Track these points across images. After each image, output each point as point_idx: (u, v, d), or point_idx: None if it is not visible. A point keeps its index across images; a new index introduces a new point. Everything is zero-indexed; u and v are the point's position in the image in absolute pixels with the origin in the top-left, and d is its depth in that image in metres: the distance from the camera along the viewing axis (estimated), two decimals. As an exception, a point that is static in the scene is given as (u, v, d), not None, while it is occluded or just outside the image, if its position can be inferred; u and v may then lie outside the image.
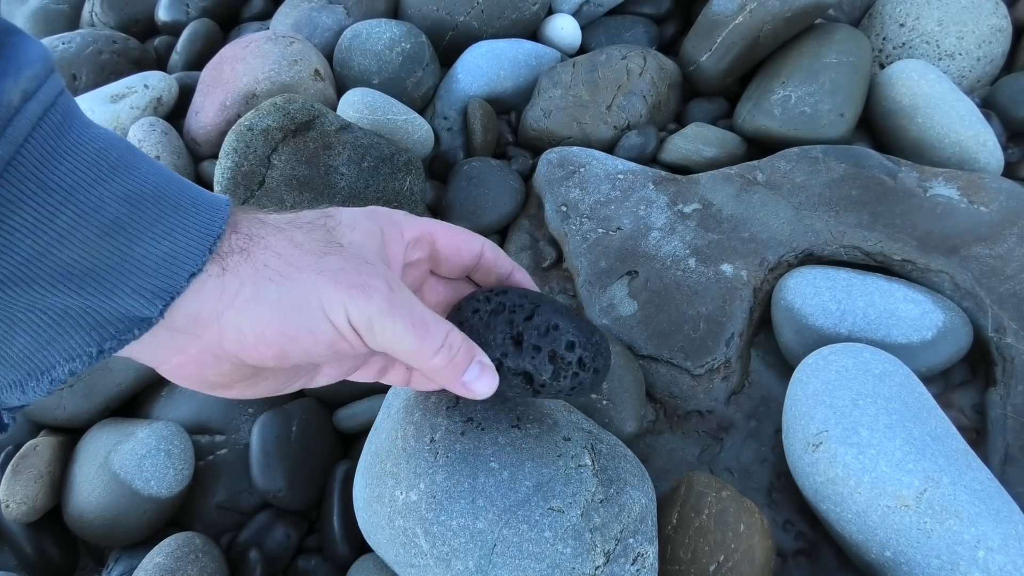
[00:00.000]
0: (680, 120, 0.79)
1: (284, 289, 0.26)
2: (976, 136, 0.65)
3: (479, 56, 0.78)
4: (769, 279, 0.60)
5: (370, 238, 0.30)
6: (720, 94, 0.79)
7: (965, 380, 0.55)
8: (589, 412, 0.51)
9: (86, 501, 0.52)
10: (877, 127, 0.72)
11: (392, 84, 0.76)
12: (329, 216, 0.30)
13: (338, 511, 0.52)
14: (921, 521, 0.41)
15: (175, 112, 0.80)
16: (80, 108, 0.24)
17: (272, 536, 0.53)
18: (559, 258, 0.67)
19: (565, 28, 0.82)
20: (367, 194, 0.65)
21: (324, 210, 0.31)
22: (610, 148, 0.74)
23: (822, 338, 0.54)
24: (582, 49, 0.85)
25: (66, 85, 0.87)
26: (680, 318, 0.58)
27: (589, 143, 0.74)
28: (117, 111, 0.75)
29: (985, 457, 0.50)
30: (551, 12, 0.84)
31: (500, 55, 0.78)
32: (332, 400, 0.59)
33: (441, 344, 0.29)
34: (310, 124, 0.64)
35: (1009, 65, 0.78)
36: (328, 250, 0.28)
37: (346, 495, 0.53)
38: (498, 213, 0.70)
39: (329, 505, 0.53)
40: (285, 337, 0.27)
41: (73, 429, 0.58)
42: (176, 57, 0.88)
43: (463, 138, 0.78)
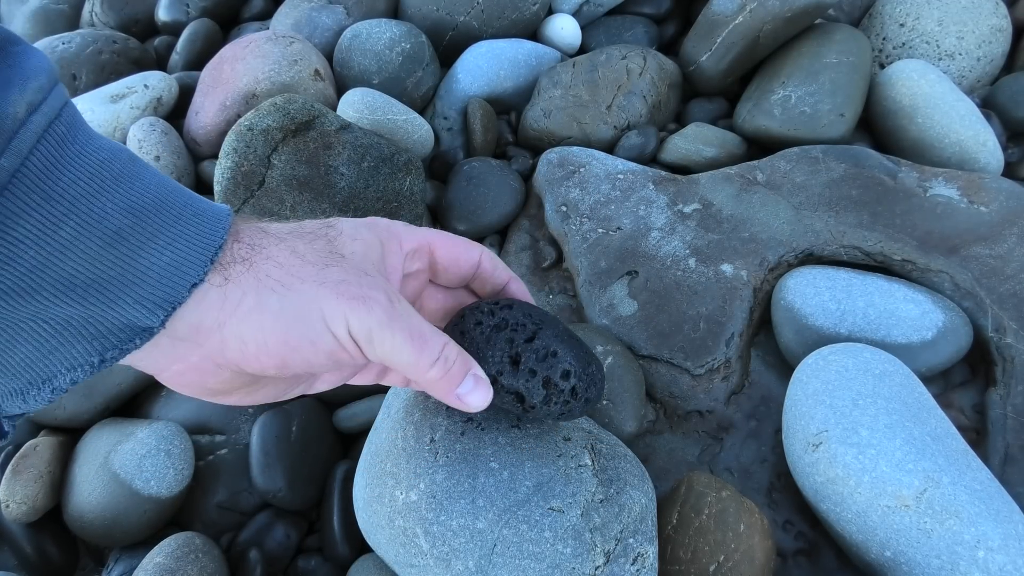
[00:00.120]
0: (680, 120, 0.79)
1: (286, 299, 0.26)
2: (976, 136, 0.65)
3: (479, 56, 0.78)
4: (769, 279, 0.60)
5: (370, 250, 0.30)
6: (720, 94, 0.79)
7: (965, 380, 0.55)
8: (589, 412, 0.51)
9: (86, 501, 0.52)
10: (877, 127, 0.72)
11: (392, 84, 0.76)
12: (330, 226, 0.30)
13: (338, 511, 0.52)
14: (921, 521, 0.41)
15: (175, 112, 0.80)
16: (84, 119, 0.25)
17: (272, 536, 0.53)
18: (559, 258, 0.67)
19: (565, 28, 0.82)
20: (367, 194, 0.65)
21: (326, 220, 0.31)
22: (610, 148, 0.74)
23: (822, 338, 0.54)
24: (582, 49, 0.85)
25: (66, 85, 0.87)
26: (680, 318, 0.58)
27: (589, 143, 0.74)
28: (117, 111, 0.75)
29: (985, 457, 0.50)
30: (551, 12, 0.84)
31: (500, 55, 0.78)
32: (332, 400, 0.59)
33: (437, 357, 0.29)
34: (310, 124, 0.64)
35: (1009, 65, 0.78)
36: (330, 261, 0.28)
37: (346, 495, 0.53)
38: (498, 213, 0.70)
39: (329, 505, 0.53)
40: (286, 347, 0.27)
41: (73, 429, 0.58)
42: (176, 57, 0.88)
43: (463, 138, 0.78)
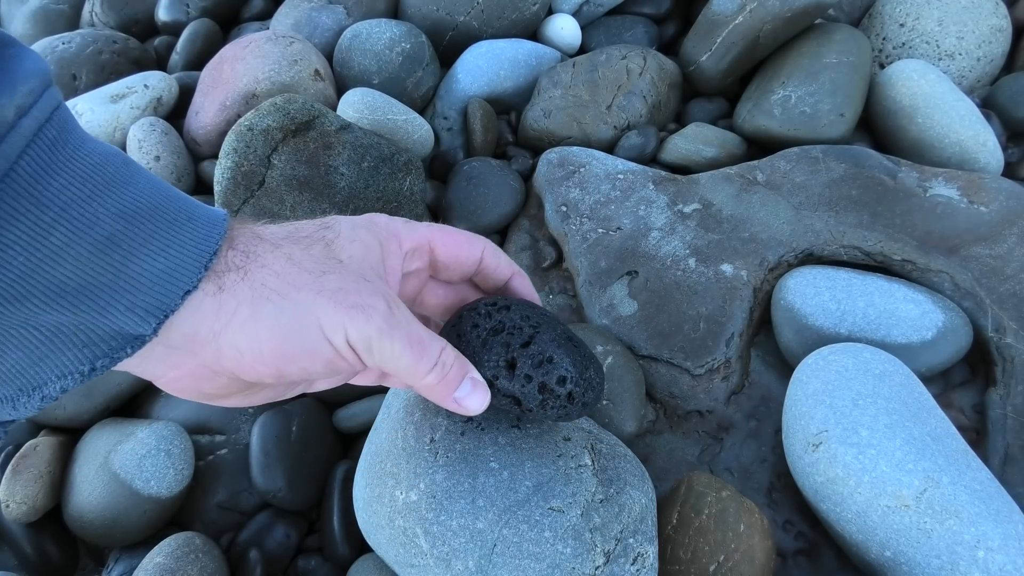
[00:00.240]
0: (680, 120, 0.79)
1: (282, 309, 0.26)
2: (976, 136, 0.65)
3: (479, 56, 0.78)
4: (769, 279, 0.60)
5: (369, 252, 0.30)
6: (720, 94, 0.79)
7: (965, 380, 0.55)
8: (589, 413, 0.51)
9: (86, 501, 0.52)
10: (877, 127, 0.72)
11: (392, 84, 0.76)
12: (328, 228, 0.30)
13: (338, 511, 0.52)
14: (921, 521, 0.41)
15: (175, 112, 0.80)
16: (77, 122, 0.24)
17: (272, 536, 0.53)
18: (559, 258, 0.67)
19: (565, 28, 0.82)
20: (367, 194, 0.65)
21: (323, 221, 0.30)
22: (610, 148, 0.74)
23: (822, 338, 0.54)
24: (582, 49, 0.85)
25: (66, 85, 0.87)
26: (680, 318, 0.58)
27: (589, 143, 0.74)
28: (117, 111, 0.75)
29: (985, 457, 0.50)
30: (551, 12, 0.84)
31: (500, 55, 0.78)
32: (332, 400, 0.59)
33: (435, 362, 0.29)
34: (310, 124, 0.64)
35: (1009, 65, 0.78)
36: (327, 268, 0.28)
37: (346, 495, 0.53)
38: (498, 213, 0.70)
39: (329, 505, 0.53)
40: (283, 357, 0.27)
41: (73, 429, 0.58)
42: (176, 57, 0.88)
43: (463, 138, 0.78)
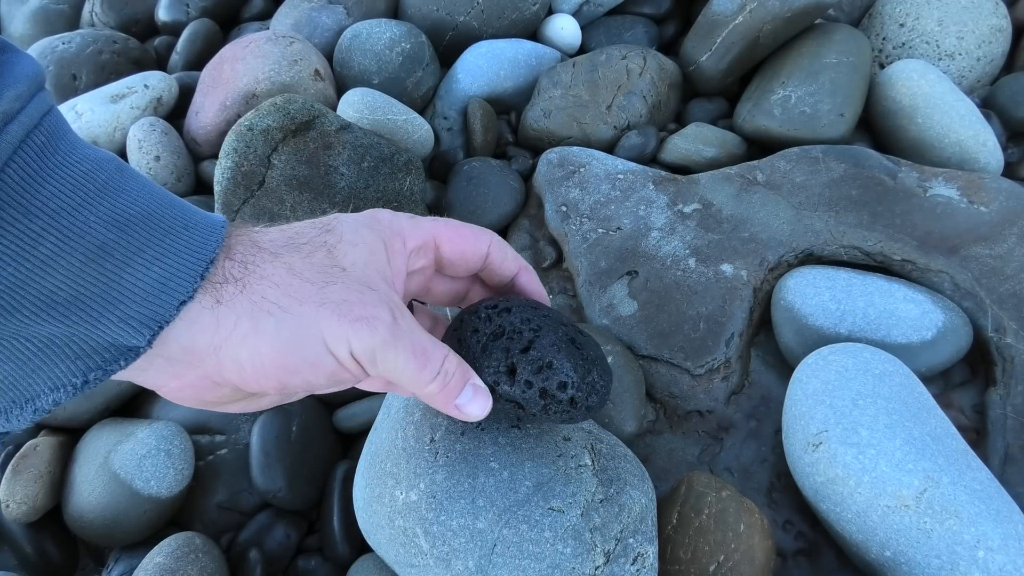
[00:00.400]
0: (680, 120, 0.79)
1: (284, 323, 0.25)
2: (976, 136, 0.65)
3: (479, 56, 0.78)
4: (769, 279, 0.60)
5: (373, 255, 0.29)
6: (720, 94, 0.79)
7: (965, 380, 0.55)
8: (595, 415, 0.51)
9: (86, 501, 0.52)
10: (877, 127, 0.72)
11: (392, 84, 0.76)
12: (329, 230, 0.29)
13: (338, 511, 0.52)
14: (921, 521, 0.41)
15: (175, 112, 0.80)
16: (70, 127, 0.23)
17: (272, 536, 0.53)
18: (559, 258, 0.67)
19: (565, 28, 0.82)
20: (367, 194, 0.65)
21: (324, 222, 0.29)
22: (610, 148, 0.74)
23: (822, 338, 0.54)
24: (582, 49, 0.85)
25: (66, 85, 0.87)
26: (680, 318, 0.58)
27: (589, 143, 0.74)
28: (117, 111, 0.75)
29: (985, 457, 0.50)
30: (551, 12, 0.84)
31: (500, 55, 0.78)
32: (332, 400, 0.59)
33: (437, 371, 0.29)
34: (310, 124, 0.64)
35: (1009, 65, 0.78)
36: (330, 277, 0.27)
37: (346, 495, 0.53)
38: (498, 213, 0.70)
39: (329, 505, 0.53)
40: (285, 370, 0.26)
41: (73, 429, 0.58)
42: (176, 57, 0.88)
43: (463, 138, 0.78)
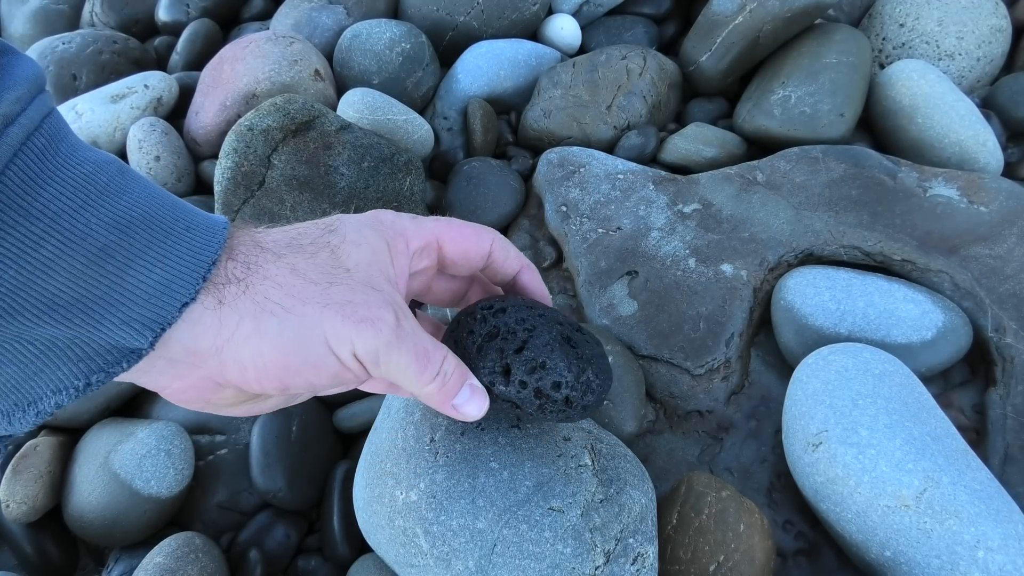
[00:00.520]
0: (680, 120, 0.79)
1: (286, 323, 0.25)
2: (976, 136, 0.65)
3: (479, 56, 0.78)
4: (769, 279, 0.60)
5: (376, 256, 0.29)
6: (720, 94, 0.79)
7: (965, 380, 0.55)
8: (592, 414, 0.51)
9: (86, 501, 0.52)
10: (877, 127, 0.72)
11: (392, 84, 0.76)
12: (332, 231, 0.29)
13: (338, 511, 0.52)
14: (921, 521, 0.41)
15: (175, 112, 0.80)
16: (70, 129, 0.23)
17: (272, 536, 0.53)
18: (559, 258, 0.67)
19: (565, 28, 0.82)
20: (367, 194, 0.65)
21: (327, 223, 0.29)
22: (610, 148, 0.74)
23: (822, 338, 0.54)
24: (582, 49, 0.85)
25: (67, 85, 0.87)
26: (680, 318, 0.58)
27: (589, 143, 0.74)
28: (117, 111, 0.75)
29: (985, 457, 0.50)
30: (551, 12, 0.84)
31: (500, 55, 0.78)
32: (332, 400, 0.59)
33: (437, 372, 0.29)
34: (310, 124, 0.64)
35: (1009, 65, 0.78)
36: (333, 278, 0.27)
37: (346, 495, 0.53)
38: (498, 213, 0.70)
39: (329, 505, 0.53)
40: (287, 371, 0.26)
41: (73, 429, 0.58)
42: (176, 57, 0.88)
43: (463, 138, 0.78)
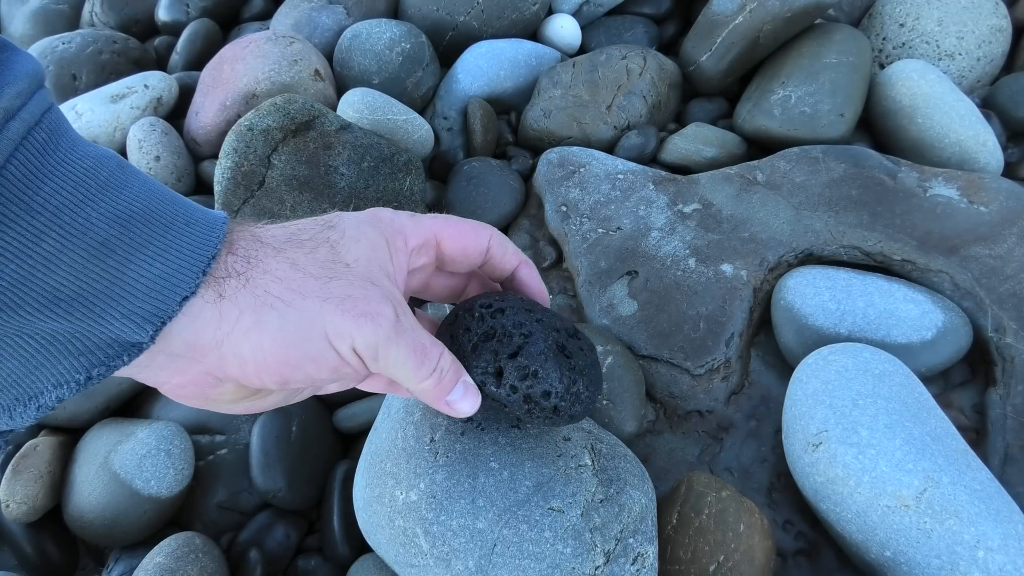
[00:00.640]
0: (680, 120, 0.79)
1: (286, 317, 0.26)
2: (976, 136, 0.65)
3: (479, 56, 0.78)
4: (769, 279, 0.60)
5: (376, 252, 0.29)
6: (720, 94, 0.79)
7: (965, 380, 0.55)
8: (579, 422, 0.51)
9: (86, 501, 0.52)
10: (877, 127, 0.72)
11: (392, 84, 0.76)
12: (331, 227, 0.29)
13: (338, 511, 0.52)
14: (921, 521, 0.41)
15: (175, 112, 0.80)
16: (70, 125, 0.23)
17: (272, 536, 0.53)
18: (559, 258, 0.67)
19: (565, 28, 0.82)
20: (367, 194, 0.65)
21: (326, 219, 0.29)
22: (610, 148, 0.74)
23: (822, 338, 0.54)
24: (582, 49, 0.85)
25: (66, 85, 0.87)
26: (680, 318, 0.58)
27: (589, 143, 0.74)
28: (117, 111, 0.75)
29: (985, 457, 0.50)
30: (551, 12, 0.84)
31: (500, 55, 0.78)
32: (332, 400, 0.59)
33: (434, 368, 0.29)
34: (310, 124, 0.64)
35: (1009, 65, 0.78)
36: (333, 273, 0.27)
37: (346, 495, 0.53)
38: (498, 213, 0.70)
39: (329, 505, 0.53)
40: (287, 365, 0.26)
41: (73, 429, 0.58)
42: (176, 57, 0.88)
43: (463, 138, 0.78)
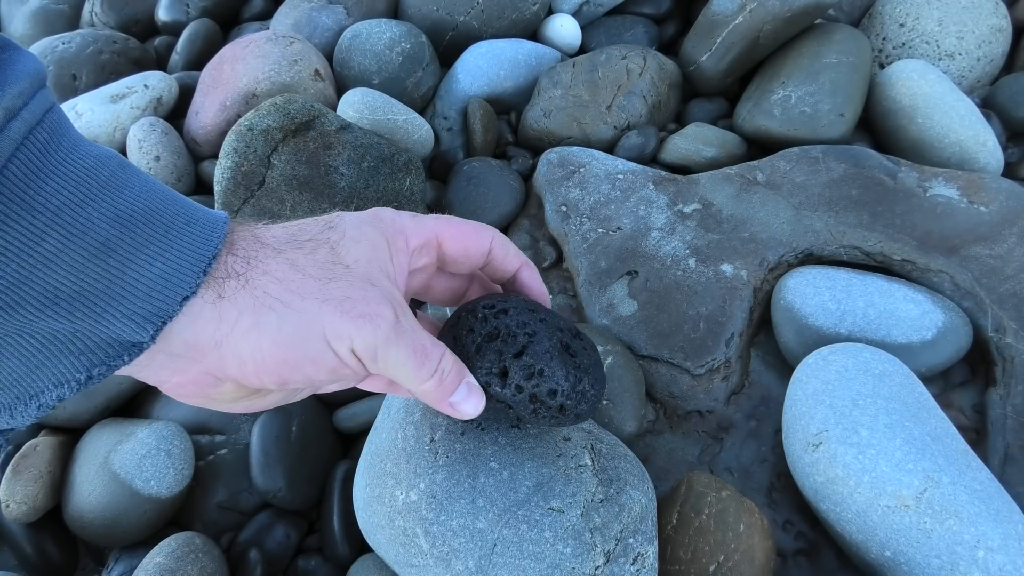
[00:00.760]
0: (680, 120, 0.79)
1: (285, 318, 0.26)
2: (976, 136, 0.65)
3: (479, 56, 0.78)
4: (769, 279, 0.60)
5: (376, 253, 0.29)
6: (720, 94, 0.79)
7: (965, 380, 0.55)
8: (584, 421, 0.51)
9: (86, 501, 0.52)
10: (877, 127, 0.72)
11: (392, 84, 0.76)
12: (332, 228, 0.29)
13: (338, 511, 0.52)
14: (921, 521, 0.41)
15: (175, 112, 0.80)
16: (72, 124, 0.23)
17: (272, 536, 0.53)
18: (559, 258, 0.67)
19: (565, 28, 0.82)
20: (367, 194, 0.65)
21: (327, 219, 0.29)
22: (610, 148, 0.74)
23: (822, 338, 0.54)
24: (582, 49, 0.85)
25: (66, 85, 0.87)
26: (680, 318, 0.58)
27: (589, 143, 0.74)
28: (117, 111, 0.75)
29: (985, 457, 0.50)
30: (551, 12, 0.84)
31: (500, 55, 0.78)
32: (332, 400, 0.59)
33: (435, 369, 0.29)
34: (310, 124, 0.64)
35: (1009, 65, 0.78)
36: (333, 274, 0.27)
37: (346, 495, 0.53)
38: (498, 213, 0.70)
39: (329, 505, 0.53)
40: (286, 365, 0.26)
41: (73, 429, 0.58)
42: (176, 57, 0.88)
43: (463, 138, 0.78)
